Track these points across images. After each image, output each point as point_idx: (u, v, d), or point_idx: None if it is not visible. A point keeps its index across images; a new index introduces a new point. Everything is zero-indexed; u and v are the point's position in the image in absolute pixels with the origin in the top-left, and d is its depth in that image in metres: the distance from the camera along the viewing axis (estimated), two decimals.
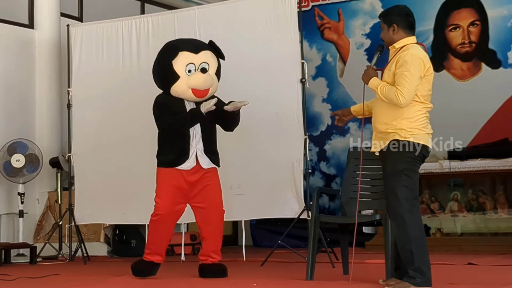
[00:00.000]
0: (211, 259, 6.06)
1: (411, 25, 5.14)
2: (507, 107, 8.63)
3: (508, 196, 8.03)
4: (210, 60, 6.08)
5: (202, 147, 6.02)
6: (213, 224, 6.05)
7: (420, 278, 4.85)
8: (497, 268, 6.35)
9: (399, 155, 4.95)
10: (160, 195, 6.02)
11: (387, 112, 5.01)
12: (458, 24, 9.04)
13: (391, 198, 4.97)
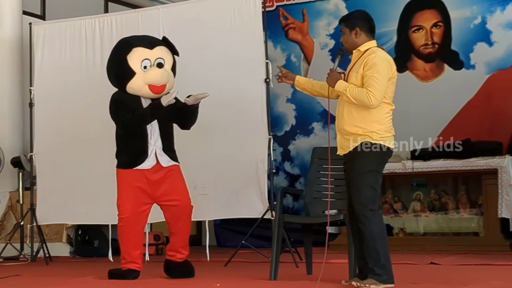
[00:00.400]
0: (179, 255, 5.98)
1: (372, 29, 5.23)
2: (469, 108, 8.71)
3: (470, 196, 8.10)
4: (165, 56, 6.00)
5: (160, 145, 5.94)
6: (183, 220, 5.96)
7: (385, 275, 4.94)
8: (458, 267, 6.41)
9: (368, 157, 5.02)
10: (122, 197, 5.93)
11: (356, 115, 5.06)
12: (421, 25, 9.11)
13: (357, 198, 5.02)
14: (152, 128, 5.92)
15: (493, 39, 8.68)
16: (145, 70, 5.88)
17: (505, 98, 8.37)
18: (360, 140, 5.04)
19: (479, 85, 8.71)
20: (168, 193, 5.94)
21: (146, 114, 5.85)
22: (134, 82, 5.89)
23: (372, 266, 4.97)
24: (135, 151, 5.90)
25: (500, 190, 7.69)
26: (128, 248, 5.93)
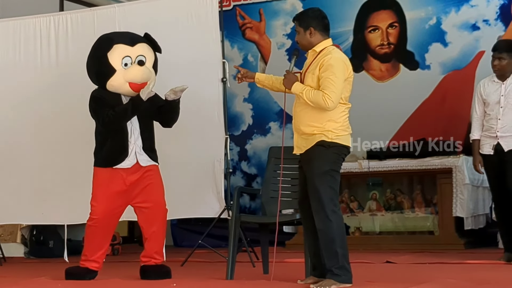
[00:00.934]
0: (154, 260, 5.87)
1: (327, 27, 5.23)
2: (424, 108, 8.79)
3: (425, 195, 8.18)
4: (146, 53, 5.91)
5: (141, 144, 5.83)
6: (157, 224, 5.85)
7: (344, 275, 4.95)
8: (414, 266, 6.47)
9: (325, 156, 5.02)
10: (96, 198, 5.82)
11: (312, 115, 5.07)
12: (377, 25, 9.17)
13: (316, 198, 5.02)
14: (133, 126, 5.82)
15: (448, 40, 8.77)
16: (126, 68, 5.80)
17: (459, 98, 8.46)
18: (316, 139, 5.04)
19: (434, 85, 8.80)
20: (143, 195, 5.83)
21: (127, 110, 5.75)
22: (114, 79, 5.81)
23: (330, 266, 4.97)
24: (115, 150, 5.79)
25: (454, 189, 7.77)
26: (92, 247, 5.86)
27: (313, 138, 5.06)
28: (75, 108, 7.39)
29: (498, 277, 5.53)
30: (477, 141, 6.60)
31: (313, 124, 5.05)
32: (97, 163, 5.89)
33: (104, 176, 5.80)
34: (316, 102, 4.99)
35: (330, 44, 5.18)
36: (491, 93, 6.55)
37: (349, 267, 5.01)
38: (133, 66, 5.81)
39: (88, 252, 5.87)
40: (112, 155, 5.79)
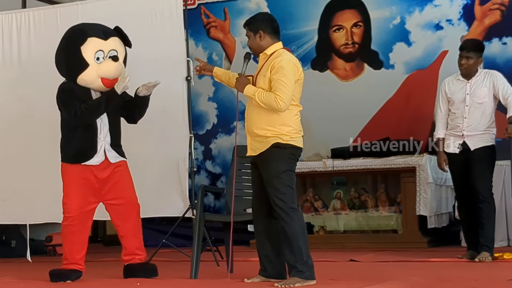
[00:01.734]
0: (138, 257, 5.81)
1: (276, 30, 5.31)
2: (388, 107, 8.83)
3: (389, 194, 8.21)
4: (118, 48, 5.86)
5: (109, 140, 5.76)
6: (132, 220, 5.79)
7: (308, 272, 5.02)
8: (377, 264, 6.50)
9: (281, 158, 5.11)
10: (69, 195, 5.71)
11: (265, 118, 5.15)
12: (341, 25, 9.19)
13: (277, 197, 5.08)
14: (102, 122, 5.74)
15: (411, 39, 8.81)
16: (98, 62, 5.72)
17: (423, 98, 8.52)
18: (271, 142, 5.12)
19: (398, 84, 8.84)
20: (113, 191, 5.76)
21: (100, 104, 5.66)
22: (86, 74, 5.73)
23: (295, 263, 5.03)
24: (83, 146, 5.70)
25: (418, 188, 7.81)
26: (71, 249, 5.73)
27: (267, 140, 5.14)
28: (37, 105, 7.34)
29: (460, 274, 5.57)
30: (442, 139, 6.63)
31: (267, 128, 5.15)
32: (65, 159, 5.78)
33: (74, 172, 5.70)
34: (268, 103, 5.06)
35: (280, 47, 5.27)
36: (456, 91, 6.58)
37: (311, 263, 5.07)
38: (106, 61, 5.74)
39: (69, 255, 5.75)
40: (81, 152, 5.71)
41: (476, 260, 6.33)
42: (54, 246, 8.54)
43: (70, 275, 5.72)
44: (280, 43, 5.29)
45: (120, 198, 5.77)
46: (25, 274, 6.46)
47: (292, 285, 4.94)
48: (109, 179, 5.75)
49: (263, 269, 5.27)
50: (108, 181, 5.76)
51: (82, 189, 5.69)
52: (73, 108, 5.64)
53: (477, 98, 6.51)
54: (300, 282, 4.96)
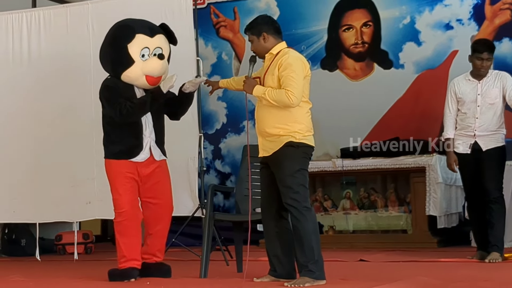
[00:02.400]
0: (155, 258, 5.76)
1: (278, 30, 5.35)
2: (398, 106, 8.81)
3: (399, 194, 8.19)
4: (163, 45, 5.82)
5: (154, 138, 5.73)
6: (163, 223, 5.74)
7: (318, 272, 5.02)
8: (387, 264, 6.49)
9: (294, 156, 5.11)
10: (118, 190, 5.61)
11: (277, 116, 5.15)
12: (351, 24, 9.17)
13: (291, 197, 5.08)
14: (147, 120, 5.71)
15: (421, 39, 8.79)
16: (143, 59, 5.68)
17: (432, 98, 8.48)
18: (284, 141, 5.12)
19: (408, 84, 8.82)
20: (153, 190, 5.71)
21: (145, 102, 5.61)
22: (131, 71, 5.68)
23: (306, 262, 5.04)
24: (129, 143, 5.65)
25: (428, 188, 7.79)
26: (128, 244, 5.61)
27: (280, 139, 5.14)
28: (47, 105, 7.36)
29: (470, 275, 5.55)
30: (451, 139, 6.61)
31: (279, 126, 5.14)
32: (110, 156, 5.70)
33: (120, 167, 5.63)
34: (280, 100, 5.07)
35: (285, 47, 5.29)
36: (467, 91, 6.56)
37: (322, 263, 5.07)
38: (152, 59, 5.71)
39: (126, 252, 5.62)
40: (127, 149, 5.65)
41: (486, 261, 6.31)
42: (63, 245, 8.56)
43: (132, 274, 5.61)
44: (284, 43, 5.31)
45: (158, 198, 5.72)
46: (35, 273, 6.49)
47: (302, 284, 4.95)
48: (150, 176, 5.70)
49: (272, 269, 5.28)
50: (150, 179, 5.70)
51: (130, 184, 5.63)
52: (118, 107, 5.57)
53: (489, 99, 6.48)
54: (310, 282, 4.96)
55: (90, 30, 7.28)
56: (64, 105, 7.35)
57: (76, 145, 7.27)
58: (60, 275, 6.22)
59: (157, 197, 5.72)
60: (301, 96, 5.08)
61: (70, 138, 7.29)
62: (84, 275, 6.09)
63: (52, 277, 6.07)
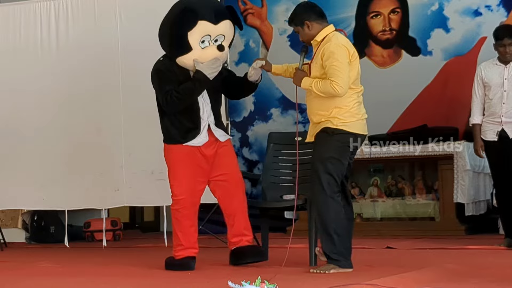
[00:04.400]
0: (245, 238, 5.51)
1: (321, 14, 5.22)
2: (426, 94, 8.77)
3: (426, 181, 8.17)
4: (227, 32, 5.51)
5: (213, 120, 5.52)
6: (238, 198, 5.51)
7: (344, 261, 4.99)
8: (414, 251, 6.48)
9: (328, 143, 5.05)
10: (176, 176, 5.45)
11: (319, 103, 5.10)
12: (379, 11, 9.13)
13: (315, 184, 5.05)
14: (204, 101, 5.50)
15: (450, 26, 8.73)
16: (203, 46, 5.41)
17: (461, 85, 8.42)
18: (322, 126, 5.08)
19: (436, 71, 8.77)
20: (219, 167, 5.51)
21: (192, 90, 5.40)
22: (187, 57, 5.44)
23: (329, 252, 5.02)
24: (185, 127, 5.46)
25: (455, 175, 7.75)
26: (186, 233, 5.47)
27: (320, 125, 5.10)
28: (76, 92, 7.41)
29: (498, 262, 5.53)
30: (478, 125, 6.57)
31: (320, 113, 5.09)
32: (168, 140, 5.54)
33: (178, 152, 5.47)
34: (326, 91, 5.00)
35: (331, 31, 5.17)
36: (493, 76, 6.51)
37: (347, 253, 5.04)
38: (210, 48, 5.42)
39: (183, 240, 5.47)
40: (184, 132, 5.47)
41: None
42: (92, 232, 8.62)
43: (190, 264, 5.46)
44: (330, 26, 5.18)
45: (225, 174, 5.52)
46: (63, 259, 6.55)
47: (327, 271, 4.93)
48: (215, 156, 5.50)
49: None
50: (215, 158, 5.51)
51: (189, 169, 5.44)
52: (164, 95, 5.41)
53: None
54: (335, 269, 4.95)
55: (118, 18, 7.31)
56: (92, 93, 7.40)
57: (105, 133, 7.32)
58: (88, 262, 6.27)
59: (224, 173, 5.51)
60: (347, 84, 4.98)
61: (99, 125, 7.35)
62: (112, 262, 6.14)
63: (81, 264, 6.12)
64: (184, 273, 5.26)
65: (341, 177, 5.10)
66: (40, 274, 5.48)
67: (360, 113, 5.14)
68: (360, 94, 5.18)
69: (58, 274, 5.50)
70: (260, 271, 4.77)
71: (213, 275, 4.98)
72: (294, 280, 4.44)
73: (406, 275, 4.64)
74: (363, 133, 5.16)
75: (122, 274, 5.41)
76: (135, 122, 7.26)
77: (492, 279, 4.44)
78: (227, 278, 4.00)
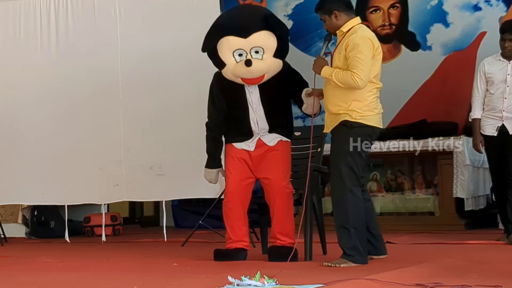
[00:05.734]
0: (279, 242, 5.47)
1: (349, 5, 5.23)
2: (425, 88, 8.77)
3: (426, 176, 8.17)
4: (264, 43, 5.38)
5: (267, 127, 5.54)
6: (277, 202, 5.45)
7: (358, 256, 4.98)
8: (413, 246, 6.48)
9: (346, 136, 5.03)
10: (228, 170, 5.58)
11: (338, 95, 5.07)
12: (378, 6, 9.13)
13: (335, 177, 5.05)
14: (256, 115, 5.52)
15: (449, 20, 8.73)
16: (239, 60, 5.39)
17: (460, 79, 8.43)
18: (341, 119, 5.06)
19: (436, 66, 8.77)
20: (263, 170, 5.54)
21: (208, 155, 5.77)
22: (225, 72, 5.49)
23: (343, 246, 5.02)
24: (236, 134, 5.59)
25: (455, 170, 7.75)
26: (233, 226, 5.52)
27: (338, 117, 5.08)
28: (75, 88, 7.42)
29: (497, 257, 5.53)
30: (478, 120, 6.57)
31: (339, 104, 5.06)
32: (226, 139, 5.74)
33: (231, 150, 5.61)
34: (346, 82, 4.98)
35: (357, 23, 5.16)
36: (496, 71, 6.50)
37: (363, 248, 5.03)
38: (240, 64, 5.38)
39: (231, 233, 5.54)
40: (234, 136, 5.62)
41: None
42: (92, 227, 8.63)
43: (237, 254, 5.51)
44: (357, 19, 5.17)
45: (268, 179, 5.51)
46: (63, 254, 6.56)
47: (338, 264, 4.93)
48: (262, 158, 5.54)
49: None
50: (261, 161, 5.55)
51: (239, 166, 5.54)
52: (206, 122, 5.73)
53: None
54: (346, 263, 4.94)
55: (117, 15, 7.31)
56: (92, 89, 7.41)
57: (104, 128, 7.33)
58: (88, 257, 6.27)
59: (267, 178, 5.52)
60: (367, 77, 4.96)
61: (98, 121, 7.36)
62: (112, 257, 6.14)
63: (81, 258, 6.12)
64: (183, 268, 5.26)
65: (361, 170, 5.10)
66: (40, 269, 5.49)
67: (377, 107, 5.14)
68: (378, 90, 5.18)
69: (58, 269, 5.50)
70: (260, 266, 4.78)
71: (212, 270, 4.98)
72: (295, 275, 4.44)
73: (406, 270, 4.64)
74: (380, 126, 5.17)
75: (122, 268, 5.41)
76: (134, 117, 7.27)
77: (491, 273, 4.45)
78: (226, 273, 4.01)
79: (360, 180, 5.09)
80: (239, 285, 3.83)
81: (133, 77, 7.24)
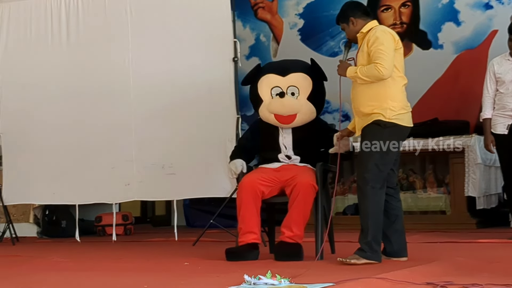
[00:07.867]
0: (285, 235, 5.46)
1: (365, 11, 5.31)
2: (437, 87, 8.75)
3: (437, 175, 8.15)
4: (300, 83, 5.71)
5: (292, 153, 5.74)
6: (298, 198, 5.43)
7: (370, 252, 5.00)
8: (425, 245, 6.46)
9: (378, 135, 5.05)
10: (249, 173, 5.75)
11: (370, 93, 5.09)
12: (389, 5, 9.11)
13: (360, 173, 5.10)
14: (285, 143, 5.77)
15: (461, 19, 8.71)
16: (274, 95, 5.74)
17: (472, 78, 8.40)
18: (374, 118, 5.06)
19: (447, 64, 8.75)
20: (288, 173, 5.58)
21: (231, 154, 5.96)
22: (261, 109, 5.79)
23: (359, 241, 5.05)
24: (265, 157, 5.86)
25: (467, 169, 7.74)
26: (244, 217, 5.53)
27: (370, 117, 5.08)
28: (86, 86, 7.43)
29: (508, 255, 5.52)
30: (489, 120, 6.55)
31: (372, 103, 5.07)
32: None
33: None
34: (371, 74, 5.02)
35: (376, 24, 5.25)
36: (506, 71, 6.49)
37: (377, 246, 5.05)
38: (275, 99, 5.70)
39: (242, 224, 5.55)
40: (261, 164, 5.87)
41: None
42: (103, 226, 8.65)
43: (248, 255, 5.47)
44: (374, 21, 5.26)
45: (295, 176, 5.52)
46: (74, 253, 6.57)
47: (349, 260, 4.96)
48: (290, 167, 5.67)
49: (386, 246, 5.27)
50: (289, 168, 5.65)
51: (259, 171, 5.72)
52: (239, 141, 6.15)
53: None
54: (357, 259, 4.96)
55: (128, 13, 7.33)
56: (103, 88, 7.42)
57: (116, 128, 7.34)
58: (99, 256, 6.28)
59: (293, 175, 5.54)
60: (391, 67, 4.99)
61: (110, 120, 7.37)
62: (123, 256, 6.15)
63: (92, 258, 6.13)
64: (194, 267, 5.26)
65: (388, 170, 5.11)
66: (51, 269, 5.49)
67: (408, 105, 5.19)
68: (405, 88, 5.21)
69: (69, 268, 5.51)
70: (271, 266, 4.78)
71: (223, 269, 4.98)
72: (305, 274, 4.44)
73: (417, 269, 4.63)
74: (410, 125, 5.19)
75: (133, 268, 5.42)
76: (145, 116, 7.28)
77: (503, 272, 4.43)
78: (237, 272, 4.01)
79: (385, 180, 5.10)
80: (255, 284, 3.84)
81: (145, 76, 7.25)
